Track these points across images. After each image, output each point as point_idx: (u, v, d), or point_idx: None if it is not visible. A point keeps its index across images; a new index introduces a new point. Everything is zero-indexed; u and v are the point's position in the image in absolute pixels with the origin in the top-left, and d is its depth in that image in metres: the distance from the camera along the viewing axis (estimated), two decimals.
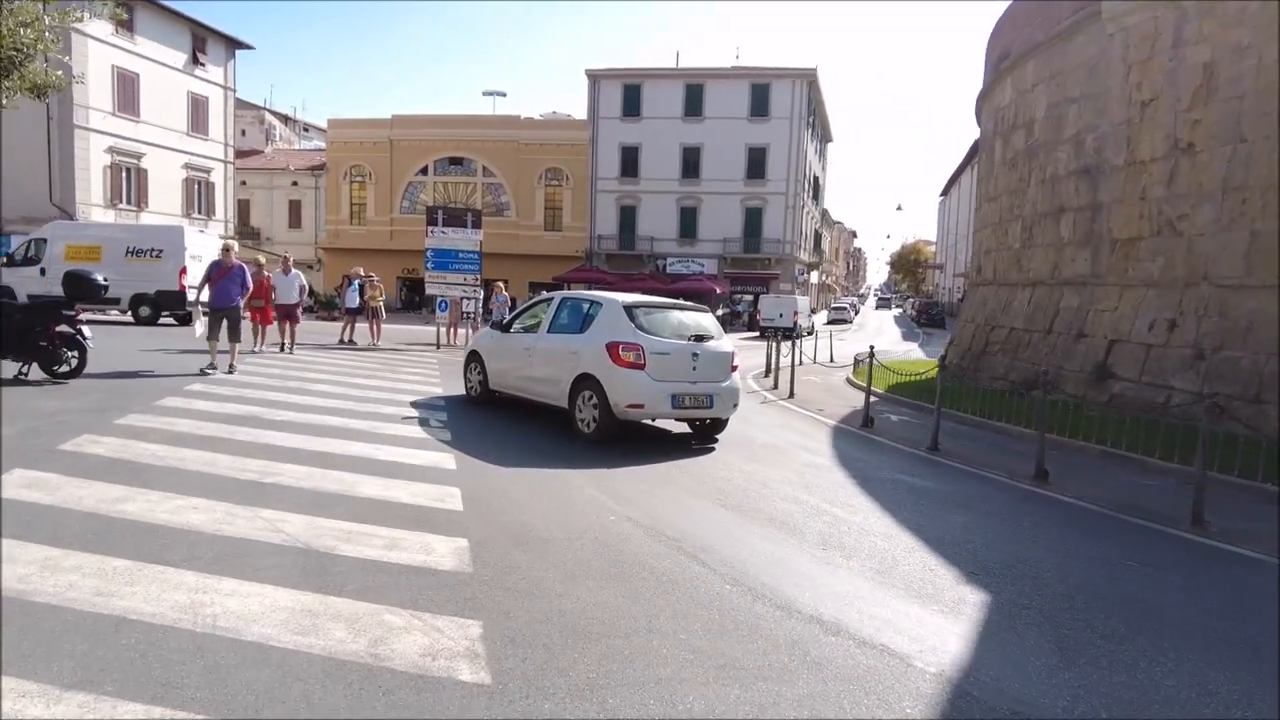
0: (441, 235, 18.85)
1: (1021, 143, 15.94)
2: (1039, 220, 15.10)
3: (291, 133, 65.35)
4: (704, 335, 8.63)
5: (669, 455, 7.87)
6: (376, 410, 9.08)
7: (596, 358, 8.17)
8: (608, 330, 8.28)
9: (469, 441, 7.82)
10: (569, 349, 8.64)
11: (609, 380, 8.03)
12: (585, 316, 8.76)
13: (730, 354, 8.80)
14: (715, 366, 8.52)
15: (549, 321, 9.24)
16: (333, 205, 49.51)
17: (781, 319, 38.56)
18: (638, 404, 7.99)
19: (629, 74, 46.56)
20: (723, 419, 8.90)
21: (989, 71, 18.79)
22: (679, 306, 9.19)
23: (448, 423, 8.79)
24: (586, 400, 8.30)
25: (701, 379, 8.35)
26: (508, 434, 8.53)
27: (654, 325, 8.39)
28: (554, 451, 7.76)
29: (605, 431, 8.11)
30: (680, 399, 8.13)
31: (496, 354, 10.09)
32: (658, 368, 8.05)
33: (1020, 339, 15.06)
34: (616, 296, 8.93)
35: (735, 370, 8.86)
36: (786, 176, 45.62)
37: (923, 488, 7.29)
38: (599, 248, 46.34)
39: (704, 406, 8.37)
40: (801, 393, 14.32)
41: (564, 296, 9.55)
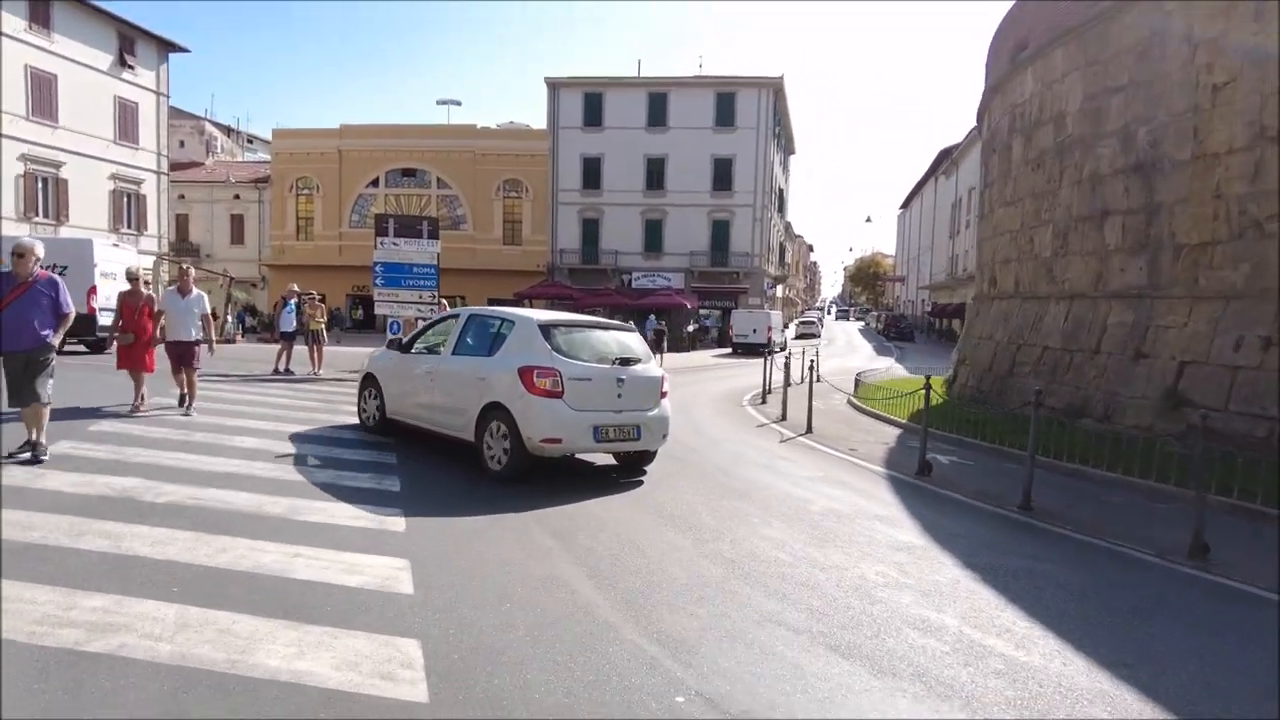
0: (392, 247, 16.51)
1: (1049, 140, 14.26)
2: (1076, 225, 13.38)
3: (235, 144, 62.05)
4: (630, 359, 7.75)
5: (721, 542, 5.73)
6: (303, 481, 6.75)
7: (507, 384, 7.19)
8: (520, 353, 7.33)
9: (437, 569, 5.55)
10: (476, 374, 7.61)
11: (522, 411, 7.04)
12: (495, 337, 7.78)
13: (659, 379, 7.92)
14: (642, 393, 7.63)
15: (454, 342, 8.18)
16: (278, 219, 46.56)
17: (755, 334, 36.86)
18: (554, 438, 7.02)
19: (590, 83, 44.70)
20: (651, 451, 8.00)
21: (999, 65, 17.18)
22: (602, 326, 8.35)
23: (399, 496, 6.51)
24: (496, 433, 7.26)
25: (627, 407, 7.44)
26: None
27: (573, 347, 7.46)
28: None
29: (517, 468, 7.09)
30: (603, 431, 7.22)
31: (395, 377, 8.93)
32: (577, 396, 7.12)
33: (1058, 359, 13.29)
34: (531, 314, 8.01)
35: (665, 397, 7.93)
36: (754, 188, 44.15)
37: (1075, 585, 5.25)
38: (561, 262, 44.18)
39: (630, 439, 7.48)
40: (815, 423, 12.31)
41: (472, 313, 8.53)
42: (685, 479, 7.75)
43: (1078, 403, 12.36)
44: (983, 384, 15.64)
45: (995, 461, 10.29)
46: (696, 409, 14.25)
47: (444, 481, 7.02)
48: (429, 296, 16.91)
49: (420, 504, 6.13)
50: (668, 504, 6.63)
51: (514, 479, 7.10)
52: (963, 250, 50.56)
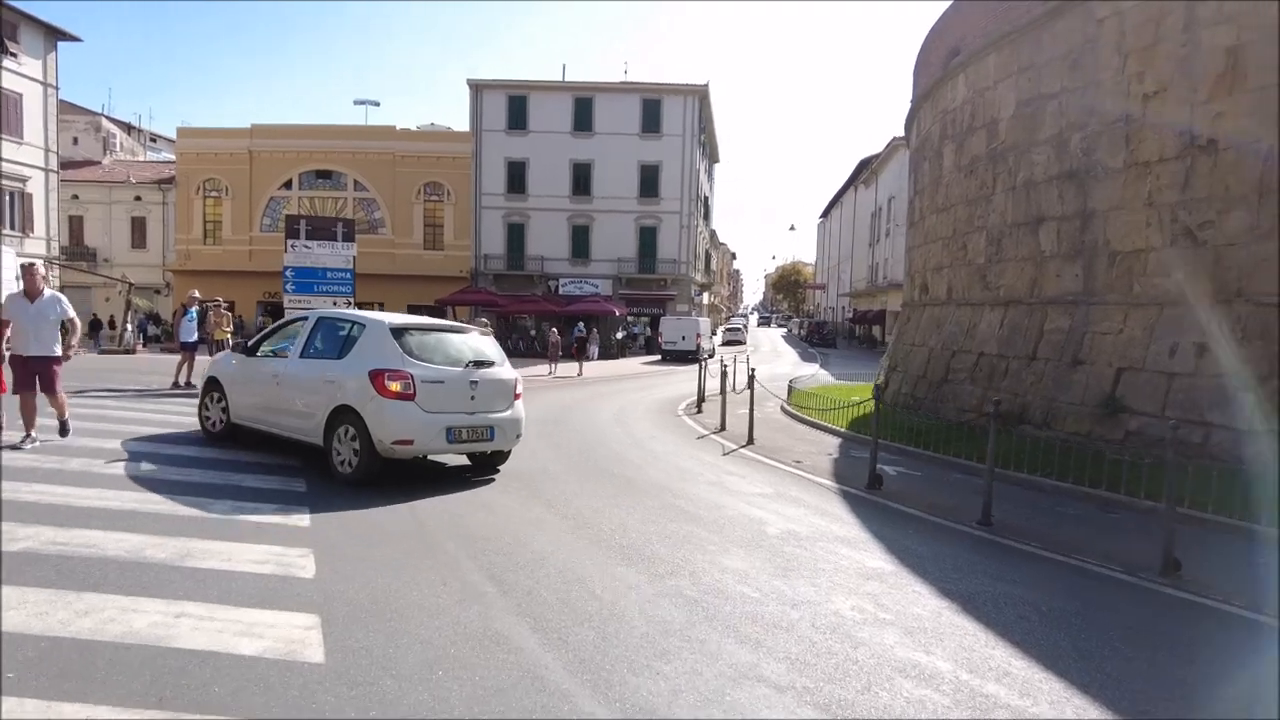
0: (305, 251, 15.40)
1: (982, 146, 14.29)
2: (1010, 232, 13.41)
3: (135, 143, 58.42)
4: (483, 361, 7.87)
5: (680, 577, 5.14)
6: (197, 515, 5.85)
7: (358, 388, 7.19)
8: (371, 356, 7.33)
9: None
10: (325, 377, 7.56)
11: (373, 413, 7.04)
12: (345, 340, 7.75)
13: (513, 381, 8.05)
14: (496, 395, 7.79)
15: (302, 345, 8.06)
16: (183, 223, 43.87)
17: (684, 341, 36.62)
18: (406, 440, 7.08)
19: (514, 85, 43.75)
20: (505, 450, 8.19)
21: (929, 72, 17.27)
22: (454, 329, 8.50)
23: (308, 531, 5.69)
24: (346, 436, 7.23)
25: (480, 409, 7.59)
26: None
27: (425, 350, 7.55)
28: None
29: (368, 471, 7.10)
30: (456, 432, 7.35)
31: (240, 381, 8.70)
32: (430, 398, 7.22)
33: (995, 366, 13.26)
34: (382, 317, 7.96)
35: (518, 399, 8.07)
36: (681, 195, 43.98)
37: (1060, 612, 4.86)
38: (485, 267, 43.01)
39: (484, 439, 7.64)
40: (755, 432, 11.91)
41: (321, 316, 8.43)
42: (632, 501, 7.15)
43: (1016, 409, 12.31)
44: (917, 390, 15.58)
45: (941, 471, 10.06)
46: (634, 421, 13.68)
47: (360, 509, 6.23)
48: (345, 303, 15.85)
49: (333, 538, 5.34)
50: (616, 532, 6.01)
51: (364, 482, 7.07)
52: (883, 258, 51.67)
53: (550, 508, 6.65)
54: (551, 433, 11.51)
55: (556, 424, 12.63)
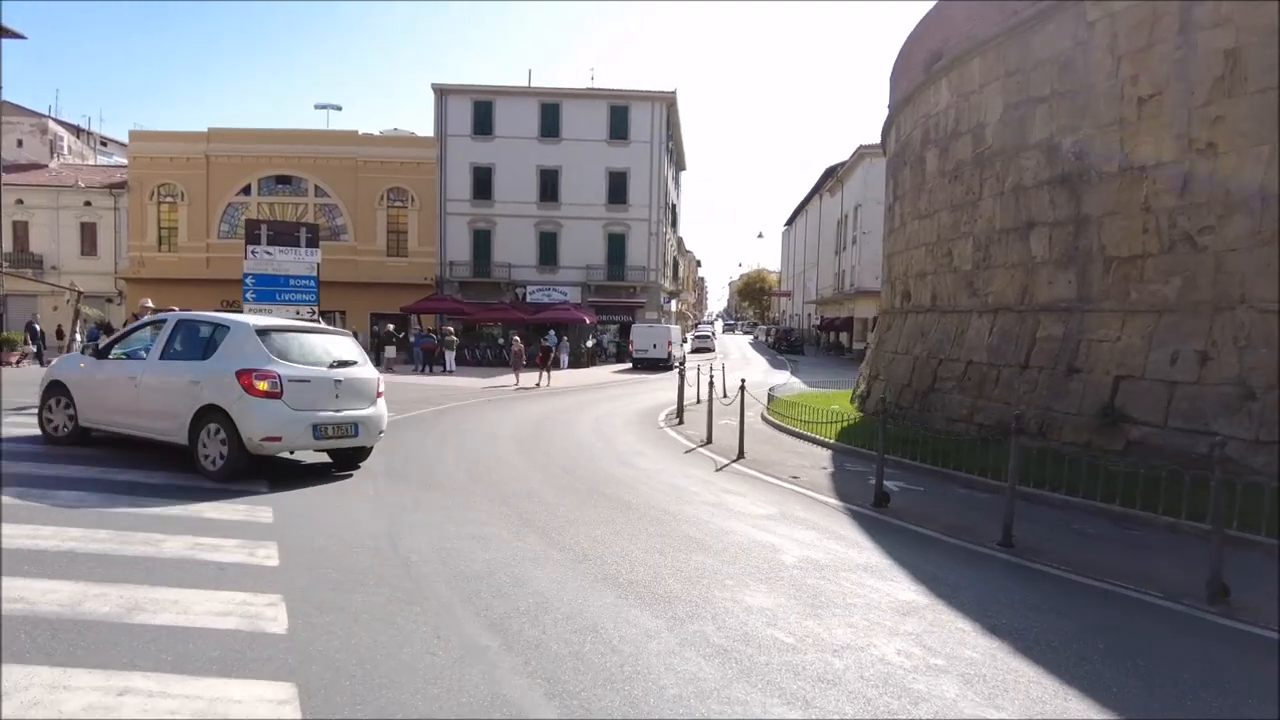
0: (266, 257, 14.60)
1: (968, 151, 14.05)
2: (999, 238, 13.15)
3: (85, 146, 56.34)
4: (346, 361, 8.30)
5: (702, 620, 4.60)
6: (149, 555, 5.16)
7: (225, 387, 7.47)
8: (238, 356, 7.62)
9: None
10: (189, 378, 7.76)
11: (241, 412, 7.37)
12: (209, 341, 7.97)
13: (375, 380, 8.56)
14: (359, 394, 8.25)
15: (161, 347, 8.17)
16: (137, 229, 42.26)
17: (655, 349, 36.15)
18: (274, 436, 7.47)
19: (480, 90, 43.05)
20: (367, 447, 8.65)
21: (909, 77, 17.04)
22: (318, 330, 8.87)
23: (278, 571, 5.04)
24: (213, 434, 7.51)
25: (345, 407, 8.04)
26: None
27: (291, 351, 7.90)
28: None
29: (235, 467, 7.42)
30: (323, 429, 7.77)
31: (90, 385, 8.69)
32: (296, 396, 7.61)
33: (985, 374, 12.98)
34: (247, 319, 8.36)
35: (380, 397, 8.57)
36: (649, 202, 43.60)
37: (1121, 651, 4.42)
38: (451, 275, 42.13)
39: (349, 435, 8.08)
40: (734, 443, 11.45)
41: (179, 318, 8.59)
42: (632, 527, 6.60)
43: (1009, 419, 11.99)
44: (901, 399, 15.26)
45: (942, 485, 9.67)
46: (617, 435, 13.12)
47: (336, 544, 5.59)
48: (308, 312, 15.07)
49: (307, 581, 4.72)
50: (621, 566, 5.46)
51: (233, 478, 7.34)
52: (849, 266, 51.82)
53: (546, 538, 6.07)
54: (531, 449, 10.91)
55: (535, 439, 12.02)
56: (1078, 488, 8.43)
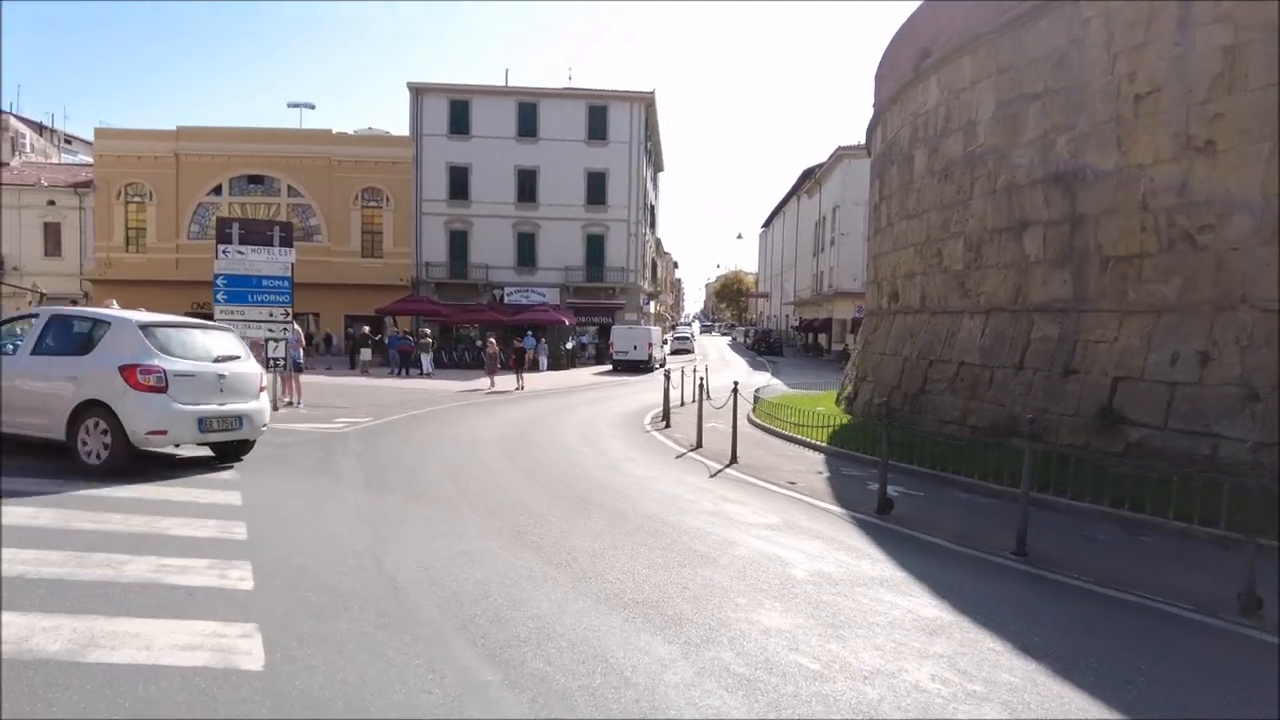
0: (238, 257, 14.06)
1: (958, 149, 13.87)
2: (991, 237, 12.97)
3: (48, 144, 54.85)
4: (229, 356, 8.51)
5: (719, 646, 4.26)
6: (108, 580, 4.72)
7: (107, 382, 7.52)
8: (121, 352, 7.68)
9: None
10: (67, 373, 7.78)
11: (125, 406, 7.45)
12: (87, 337, 7.98)
13: (258, 375, 8.86)
14: (243, 388, 8.45)
15: (33, 343, 8.10)
16: (103, 229, 41.13)
17: (636, 351, 35.76)
18: (160, 430, 7.62)
19: (456, 89, 42.49)
20: (250, 440, 8.86)
21: (897, 75, 16.86)
22: (200, 326, 8.95)
23: (252, 595, 4.62)
24: (94, 429, 7.58)
25: (230, 401, 8.24)
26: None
27: (174, 346, 8.04)
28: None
29: (118, 461, 7.51)
30: (208, 422, 7.96)
31: None
32: (181, 391, 7.76)
33: (978, 376, 12.78)
34: (129, 314, 8.52)
35: (264, 391, 8.87)
36: (628, 203, 43.28)
37: (1165, 676, 4.14)
38: (427, 276, 41.50)
39: (234, 429, 8.29)
40: (727, 447, 11.16)
41: (53, 314, 8.54)
42: (632, 540, 6.23)
43: (1004, 421, 11.83)
44: (891, 401, 15.04)
45: (942, 490, 9.40)
46: (604, 440, 12.74)
47: (316, 564, 5.17)
48: (282, 313, 14.54)
49: (284, 607, 4.31)
50: (625, 584, 5.10)
51: (115, 472, 7.38)
52: (828, 267, 51.84)
53: (541, 553, 5.69)
54: (517, 456, 10.51)
55: (521, 445, 11.62)
56: (1083, 492, 8.20)
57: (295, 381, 15.65)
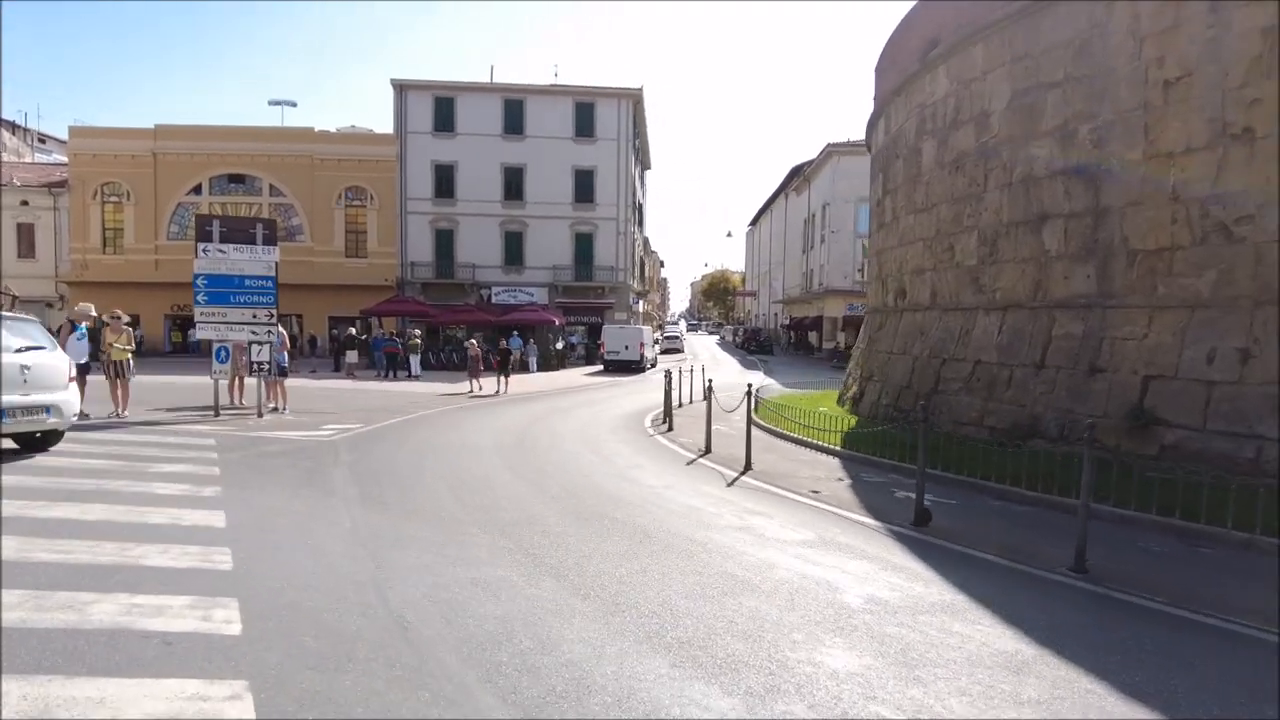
0: (219, 256, 13.34)
1: (970, 141, 13.39)
2: (1007, 231, 12.50)
3: (21, 143, 53.49)
4: (33, 346, 8.55)
5: (786, 697, 3.70)
6: (69, 628, 4.09)
7: None
8: None
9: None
10: None
11: None
12: None
13: (66, 365, 8.99)
14: (49, 378, 8.54)
15: None
16: (79, 230, 40.06)
17: (628, 351, 35.17)
18: None
19: (441, 86, 41.70)
20: (60, 430, 9.01)
21: (901, 66, 16.38)
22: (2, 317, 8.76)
23: (240, 641, 4.01)
24: None
25: (34, 391, 8.28)
26: None
27: None
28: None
29: None
30: (12, 411, 7.98)
31: None
32: None
33: (994, 375, 12.31)
34: None
35: (74, 381, 9.11)
36: (617, 201, 42.67)
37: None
38: (413, 276, 40.72)
39: (40, 419, 8.39)
40: (736, 451, 10.63)
41: None
42: (660, 562, 5.66)
43: (1024, 422, 11.36)
44: (901, 401, 14.56)
45: (973, 497, 8.87)
46: (607, 445, 12.16)
47: (310, 597, 4.57)
48: (265, 315, 13.84)
49: (277, 657, 3.71)
50: (663, 617, 4.53)
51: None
52: (817, 265, 51.47)
53: (563, 581, 5.11)
54: (519, 465, 9.91)
55: (521, 452, 11.02)
56: (1127, 499, 7.71)
57: (280, 387, 14.96)
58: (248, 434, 11.54)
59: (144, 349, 32.16)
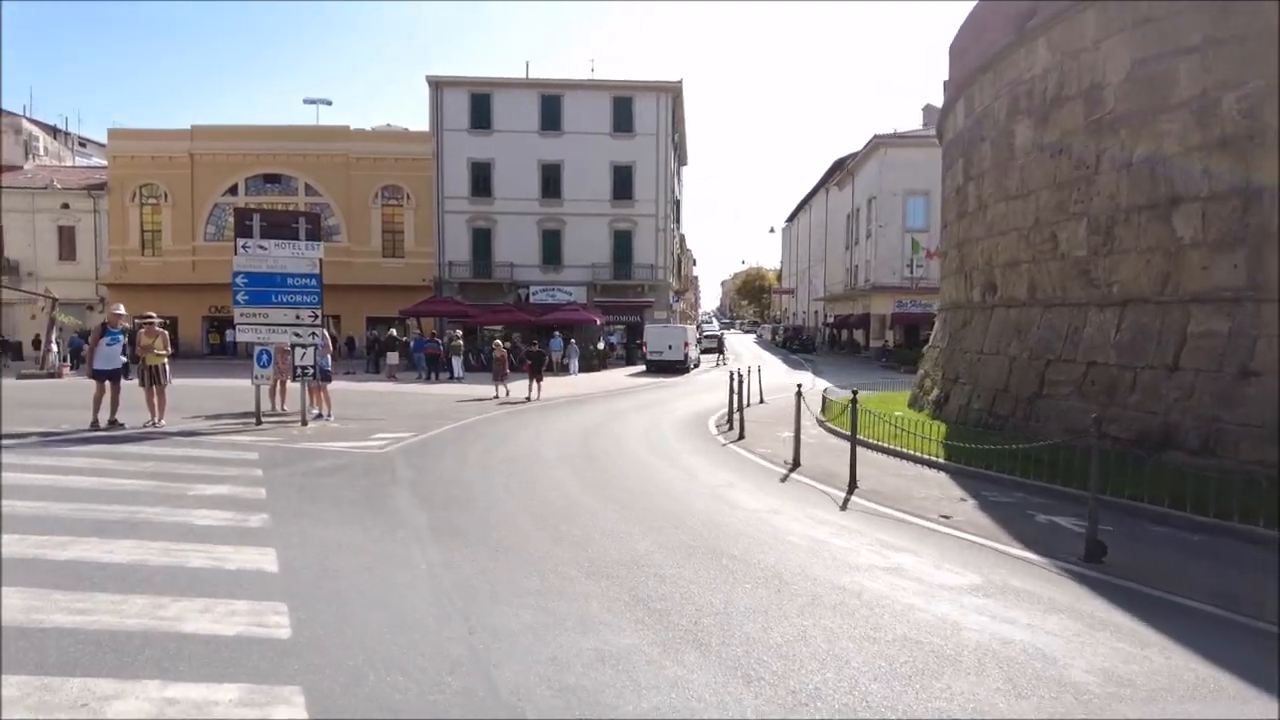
0: (259, 252, 12.46)
1: (1078, 118, 12.07)
2: (1126, 217, 11.18)
3: (62, 146, 53.77)
4: None
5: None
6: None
7: None
8: None
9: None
10: None
11: None
12: None
13: None
14: None
15: None
16: (118, 232, 40.00)
17: (671, 351, 34.02)
18: None
19: (477, 83, 40.92)
20: None
21: (985, 43, 15.05)
22: None
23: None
24: None
25: None
26: None
27: None
28: None
29: None
30: None
31: None
32: None
33: (1114, 377, 11.00)
34: None
35: None
36: (656, 197, 41.56)
37: None
38: (450, 275, 39.99)
39: None
40: (826, 464, 9.47)
41: None
42: (820, 625, 4.52)
43: (1156, 430, 10.06)
44: (996, 406, 13.29)
45: (1126, 521, 7.58)
46: (680, 455, 11.06)
47: (391, 669, 3.53)
48: (309, 315, 12.94)
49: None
50: (863, 712, 3.41)
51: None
52: (863, 261, 49.89)
53: (708, 653, 3.99)
54: (594, 481, 8.84)
55: (590, 465, 9.96)
56: None
57: (324, 392, 14.08)
58: (293, 445, 10.62)
59: (181, 351, 31.75)
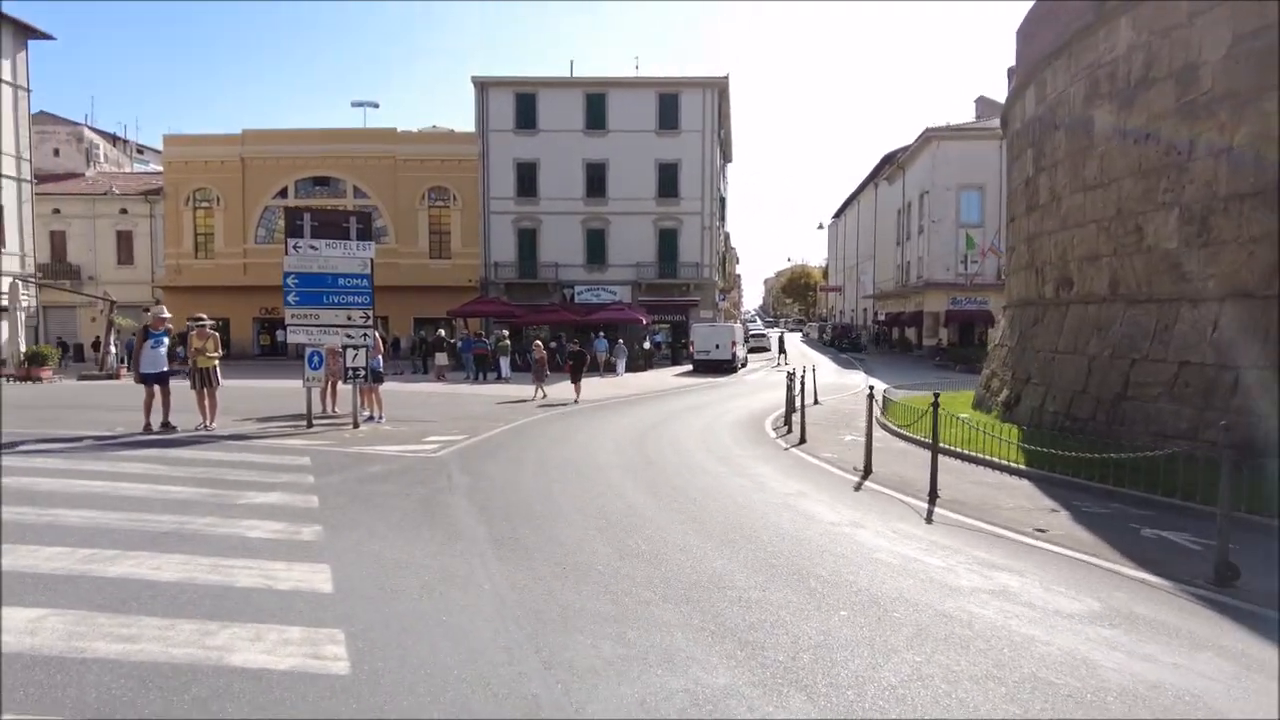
0: (310, 253, 12.29)
1: (1168, 101, 11.27)
2: (1224, 206, 10.37)
3: (121, 154, 55.35)
4: None
5: None
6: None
7: None
8: None
9: None
10: None
11: None
12: None
13: None
14: None
15: None
16: (173, 235, 40.92)
17: (719, 350, 33.44)
18: None
19: (522, 83, 40.85)
20: None
21: (1061, 24, 14.24)
22: None
23: None
24: None
25: None
26: None
27: None
28: None
29: None
30: None
31: None
32: None
33: (1212, 379, 10.21)
34: None
35: None
36: (701, 194, 41.02)
37: None
38: (496, 276, 39.97)
39: None
40: (899, 470, 8.89)
41: None
42: (927, 659, 4.01)
43: (1262, 436, 9.27)
44: (1075, 409, 12.52)
45: (1254, 539, 6.86)
46: (743, 461, 10.58)
47: (464, 712, 3.13)
48: (360, 316, 12.74)
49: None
50: None
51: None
52: (915, 257, 48.69)
53: (815, 697, 3.51)
54: (658, 489, 8.40)
55: (651, 471, 9.53)
56: None
57: (375, 394, 13.90)
58: (345, 449, 10.39)
59: (233, 352, 32.17)
